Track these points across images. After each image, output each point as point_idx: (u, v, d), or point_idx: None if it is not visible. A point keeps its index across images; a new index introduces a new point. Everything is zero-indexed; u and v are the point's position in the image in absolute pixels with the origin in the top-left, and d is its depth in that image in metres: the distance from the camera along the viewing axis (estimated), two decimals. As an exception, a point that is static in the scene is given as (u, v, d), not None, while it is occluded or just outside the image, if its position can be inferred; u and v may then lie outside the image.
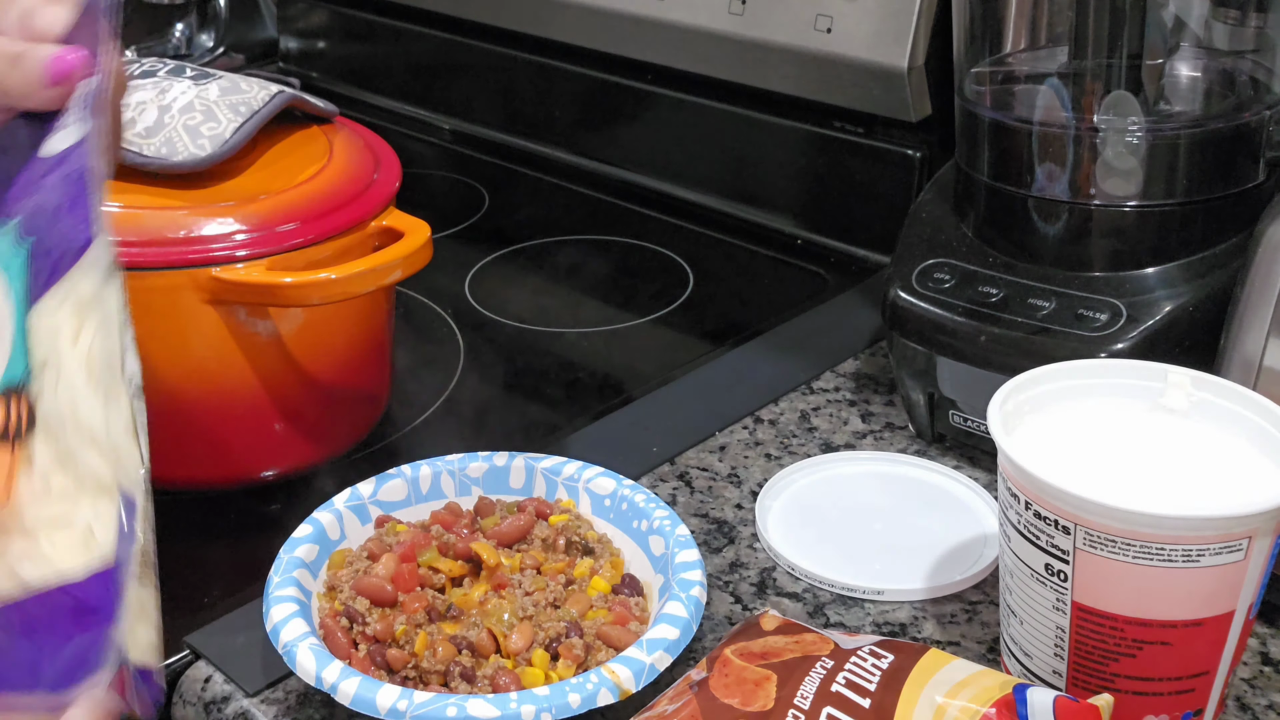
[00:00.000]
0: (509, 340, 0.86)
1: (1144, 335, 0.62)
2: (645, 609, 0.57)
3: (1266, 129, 0.65)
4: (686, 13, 0.96)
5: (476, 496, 0.63)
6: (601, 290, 0.93)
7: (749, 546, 0.64)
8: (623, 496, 0.61)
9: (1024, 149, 0.66)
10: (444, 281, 0.93)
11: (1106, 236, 0.65)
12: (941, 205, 0.73)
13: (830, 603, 0.61)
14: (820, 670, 0.45)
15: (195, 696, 0.57)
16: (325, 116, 0.75)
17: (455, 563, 0.58)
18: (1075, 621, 0.49)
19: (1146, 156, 0.64)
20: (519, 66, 1.16)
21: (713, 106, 1.01)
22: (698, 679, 0.47)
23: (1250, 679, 0.55)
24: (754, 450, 0.72)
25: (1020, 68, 0.72)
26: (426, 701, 0.49)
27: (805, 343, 0.83)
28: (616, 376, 0.82)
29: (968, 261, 0.69)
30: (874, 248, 0.94)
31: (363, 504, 0.61)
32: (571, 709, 0.49)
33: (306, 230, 0.65)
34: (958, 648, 0.58)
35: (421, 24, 1.24)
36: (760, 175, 1.00)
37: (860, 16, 0.87)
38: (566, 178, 1.12)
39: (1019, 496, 0.49)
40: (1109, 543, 0.46)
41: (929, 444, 0.72)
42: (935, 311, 0.67)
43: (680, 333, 0.87)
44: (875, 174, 0.92)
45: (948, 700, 0.44)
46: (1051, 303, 0.65)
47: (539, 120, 1.17)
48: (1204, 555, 0.46)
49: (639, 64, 1.04)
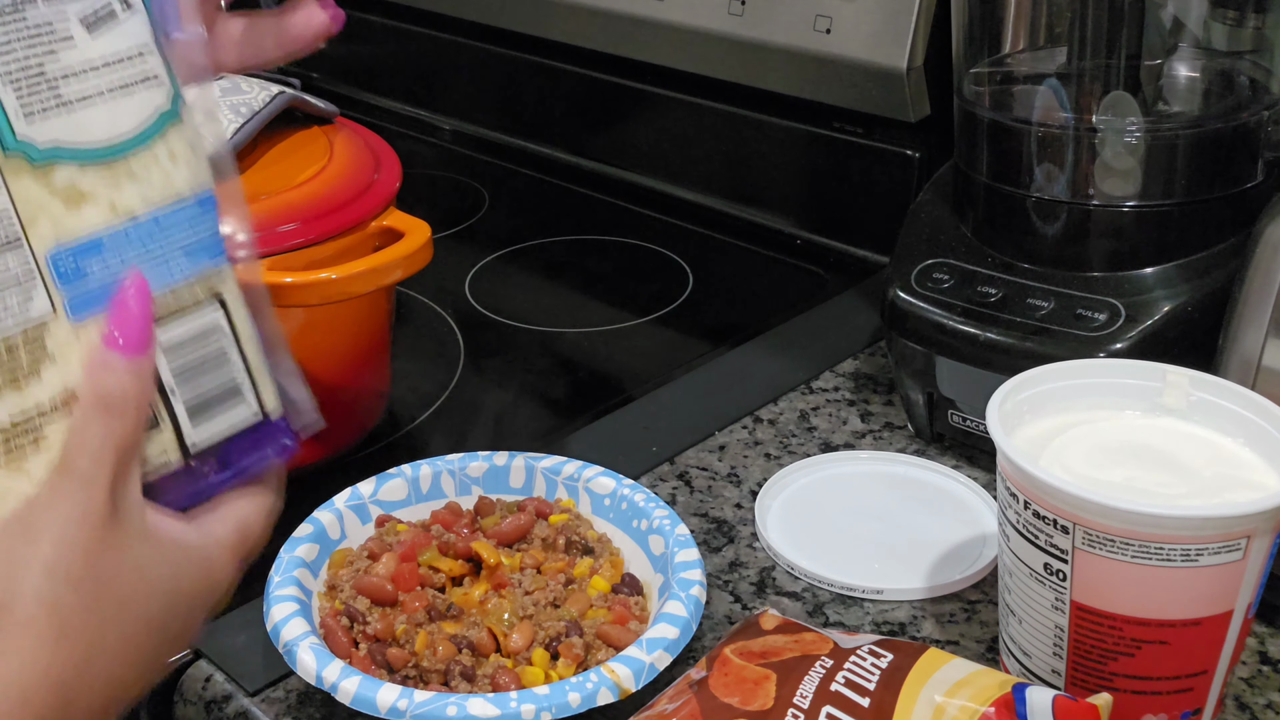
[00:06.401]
0: (509, 340, 0.86)
1: (1142, 335, 0.62)
2: (645, 608, 0.57)
3: (1265, 129, 0.65)
4: (686, 13, 0.96)
5: (476, 496, 0.63)
6: (601, 290, 0.94)
7: (748, 546, 0.64)
8: (622, 496, 0.61)
9: (1023, 149, 0.66)
10: (444, 281, 0.93)
11: (1105, 237, 0.65)
12: (940, 205, 0.73)
13: (829, 602, 0.61)
14: (820, 669, 0.45)
15: (196, 696, 0.57)
16: (326, 117, 0.75)
17: (455, 562, 0.58)
18: (1074, 621, 0.49)
19: (1145, 157, 0.64)
20: (519, 66, 1.16)
21: (712, 106, 1.01)
22: (697, 678, 0.47)
23: (1249, 678, 0.55)
24: (753, 450, 0.72)
25: (1019, 68, 0.72)
26: (427, 701, 0.49)
27: (805, 343, 0.83)
28: (616, 376, 0.82)
29: (967, 261, 0.69)
30: (873, 248, 0.94)
31: (363, 503, 0.61)
32: (571, 708, 0.49)
33: (307, 230, 0.65)
34: (957, 647, 0.58)
35: (421, 24, 1.24)
36: (760, 175, 1.00)
37: (859, 17, 0.87)
38: (566, 178, 1.12)
39: (1018, 496, 0.49)
40: (1108, 542, 0.46)
41: (928, 444, 0.72)
42: (934, 311, 0.68)
43: (680, 333, 0.87)
44: (874, 174, 0.93)
45: (947, 699, 0.44)
46: (1050, 303, 0.65)
47: (539, 120, 1.17)
48: (1203, 555, 0.46)
49: (639, 64, 1.04)
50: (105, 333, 0.40)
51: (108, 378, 0.39)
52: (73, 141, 0.39)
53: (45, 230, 0.39)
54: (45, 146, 0.39)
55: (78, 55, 0.40)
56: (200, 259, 0.43)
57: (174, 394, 0.42)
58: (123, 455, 0.39)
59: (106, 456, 0.39)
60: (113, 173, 0.40)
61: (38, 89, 0.39)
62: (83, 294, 0.40)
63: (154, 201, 0.41)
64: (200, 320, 0.43)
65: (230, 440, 0.44)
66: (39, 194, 0.39)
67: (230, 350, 0.44)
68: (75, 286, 0.39)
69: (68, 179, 0.39)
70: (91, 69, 0.40)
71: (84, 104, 0.40)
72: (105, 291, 0.40)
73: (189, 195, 0.42)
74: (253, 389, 0.44)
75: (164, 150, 0.42)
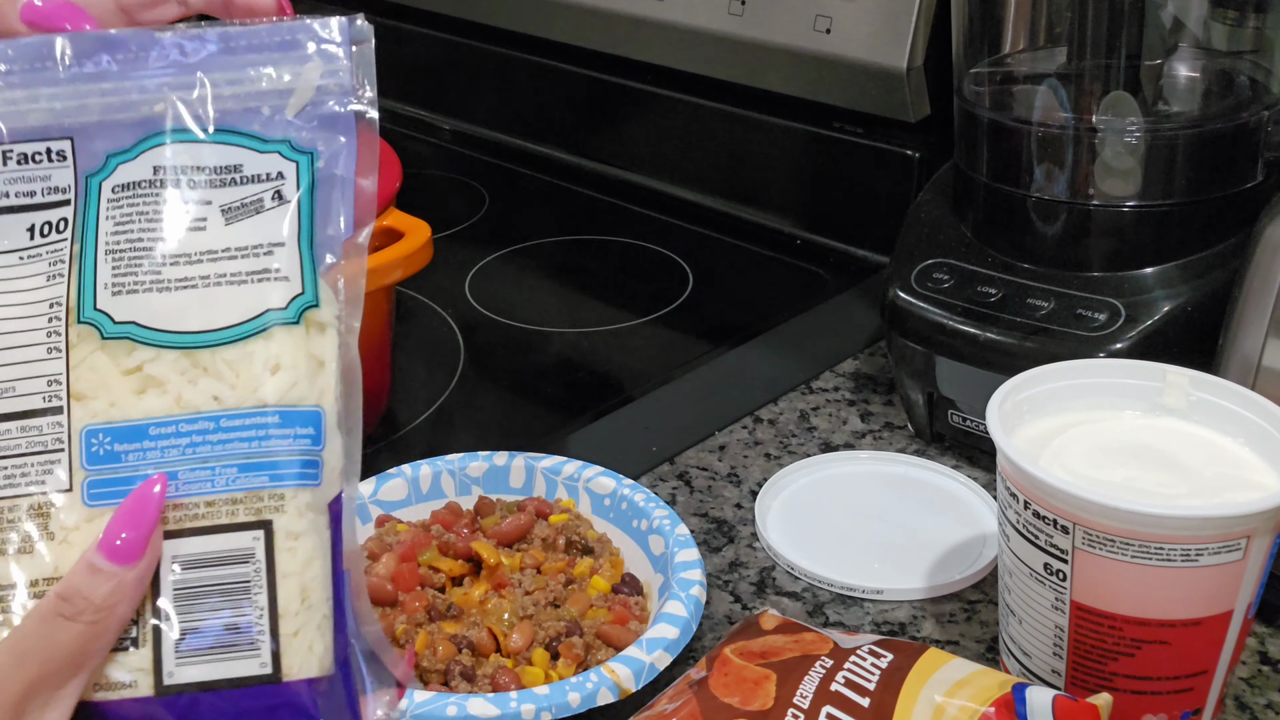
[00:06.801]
0: (509, 340, 0.86)
1: (1142, 335, 0.62)
2: (645, 608, 0.57)
3: (1265, 129, 0.65)
4: (686, 13, 0.96)
5: (476, 496, 0.63)
6: (601, 290, 0.94)
7: (748, 546, 0.64)
8: (622, 496, 0.61)
9: (1023, 149, 0.66)
10: (444, 281, 0.93)
11: (1105, 236, 0.65)
12: (940, 205, 0.73)
13: (829, 602, 0.61)
14: (820, 669, 0.45)
15: (196, 696, 0.57)
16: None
17: (455, 562, 0.58)
18: (1074, 621, 0.49)
19: (1145, 157, 0.64)
20: (519, 66, 1.16)
21: (712, 106, 1.01)
22: (697, 678, 0.47)
23: (1249, 678, 0.55)
24: (753, 450, 0.72)
25: (1019, 68, 0.72)
26: (427, 700, 0.49)
27: (804, 342, 0.83)
28: (616, 376, 0.82)
29: (967, 261, 0.69)
30: (873, 248, 0.94)
31: (363, 503, 0.61)
32: (571, 708, 0.49)
33: (307, 230, 0.65)
34: (957, 647, 0.58)
35: (421, 24, 1.24)
36: (760, 175, 1.00)
37: (859, 17, 0.87)
38: (566, 178, 1.12)
39: (1018, 496, 0.49)
40: (1108, 542, 0.46)
41: (928, 444, 0.72)
42: (934, 311, 0.68)
43: (680, 333, 0.87)
44: (874, 174, 0.93)
45: (947, 699, 0.44)
46: (1050, 303, 0.65)
47: (539, 120, 1.17)
48: (1202, 555, 0.46)
49: (639, 64, 1.04)
50: (105, 531, 0.35)
51: (78, 578, 0.35)
52: (151, 324, 0.37)
53: (98, 407, 0.36)
54: (121, 322, 0.37)
55: (202, 241, 0.38)
56: (258, 476, 0.37)
57: (168, 617, 0.36)
58: (52, 669, 0.34)
59: (32, 659, 0.34)
60: (192, 363, 0.37)
61: (137, 267, 0.37)
62: (108, 479, 0.36)
63: (226, 402, 0.37)
64: (230, 541, 0.37)
65: (226, 694, 0.36)
66: (106, 368, 0.37)
67: (257, 586, 0.37)
68: (101, 469, 0.36)
69: (139, 360, 0.37)
70: (209, 257, 0.38)
71: (182, 288, 0.37)
72: (133, 481, 0.36)
73: (272, 406, 0.37)
74: (270, 639, 0.36)
75: (262, 351, 0.37)
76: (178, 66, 0.39)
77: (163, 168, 0.38)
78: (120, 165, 0.38)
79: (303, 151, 0.39)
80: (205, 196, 0.38)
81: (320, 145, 0.39)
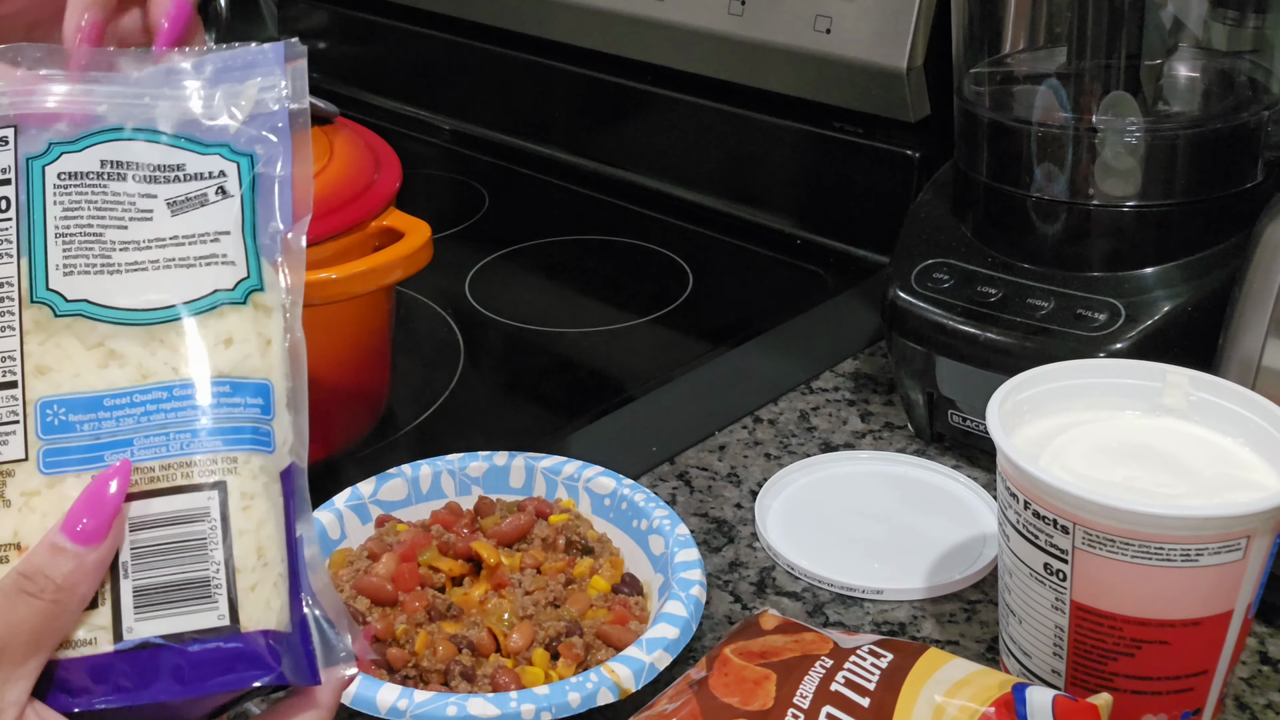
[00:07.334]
0: (509, 340, 0.86)
1: (1142, 335, 0.62)
2: (645, 608, 0.57)
3: (1265, 129, 0.65)
4: (686, 13, 0.96)
5: (476, 496, 0.63)
6: (601, 290, 0.94)
7: (748, 546, 0.64)
8: (622, 496, 0.61)
9: (1023, 149, 0.66)
10: (444, 281, 0.93)
11: (1105, 236, 0.65)
12: (940, 205, 0.73)
13: (829, 602, 0.61)
14: (820, 669, 0.45)
15: (196, 696, 0.57)
16: (326, 117, 0.75)
17: (455, 562, 0.58)
18: (1074, 621, 0.49)
19: (1145, 157, 0.64)
20: (519, 66, 1.16)
21: (712, 107, 1.01)
22: (697, 678, 0.47)
23: (1249, 678, 0.55)
24: (753, 450, 0.72)
25: (1019, 68, 0.72)
26: (427, 700, 0.49)
27: (804, 343, 0.83)
28: (616, 376, 0.82)
29: (967, 261, 0.69)
30: (873, 248, 0.94)
31: (363, 503, 0.61)
32: (571, 708, 0.49)
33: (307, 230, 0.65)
34: (957, 647, 0.58)
35: (421, 24, 1.24)
36: (760, 175, 1.00)
37: (859, 17, 0.87)
38: (566, 178, 1.12)
39: (1018, 496, 0.49)
40: (1108, 542, 0.46)
41: (928, 444, 0.72)
42: (934, 311, 0.68)
43: (680, 333, 0.87)
44: (874, 174, 0.93)
45: (947, 699, 0.44)
46: (1050, 303, 0.65)
47: (539, 120, 1.17)
48: (1203, 555, 0.46)
49: (639, 64, 1.04)
50: (68, 513, 0.36)
51: (40, 557, 0.36)
52: (103, 302, 0.39)
53: (60, 379, 0.38)
54: (73, 300, 0.39)
55: (149, 230, 0.40)
56: (212, 440, 0.39)
57: (125, 572, 0.37)
58: (14, 646, 0.35)
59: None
60: (150, 336, 0.39)
61: (87, 251, 0.39)
62: (63, 448, 0.38)
63: (181, 374, 0.39)
64: (186, 501, 0.38)
65: (185, 647, 0.37)
66: (72, 345, 0.38)
67: (213, 543, 0.38)
68: (55, 439, 0.38)
69: (99, 337, 0.39)
70: (157, 243, 0.40)
71: (133, 271, 0.40)
72: (92, 449, 0.38)
73: (225, 375, 0.39)
74: (226, 592, 0.38)
75: (215, 326, 0.40)
76: (126, 82, 0.42)
77: (109, 161, 0.41)
78: (64, 154, 0.41)
79: (242, 154, 0.42)
80: (150, 190, 0.41)
81: (259, 148, 0.43)
